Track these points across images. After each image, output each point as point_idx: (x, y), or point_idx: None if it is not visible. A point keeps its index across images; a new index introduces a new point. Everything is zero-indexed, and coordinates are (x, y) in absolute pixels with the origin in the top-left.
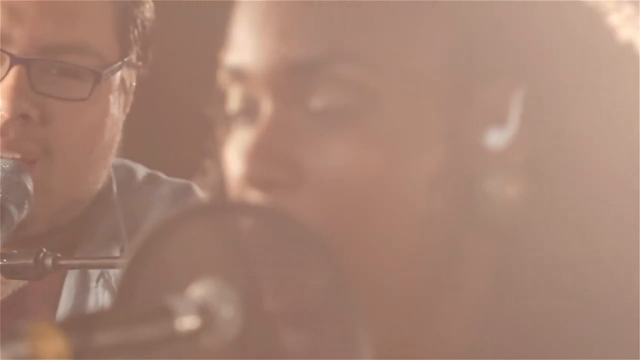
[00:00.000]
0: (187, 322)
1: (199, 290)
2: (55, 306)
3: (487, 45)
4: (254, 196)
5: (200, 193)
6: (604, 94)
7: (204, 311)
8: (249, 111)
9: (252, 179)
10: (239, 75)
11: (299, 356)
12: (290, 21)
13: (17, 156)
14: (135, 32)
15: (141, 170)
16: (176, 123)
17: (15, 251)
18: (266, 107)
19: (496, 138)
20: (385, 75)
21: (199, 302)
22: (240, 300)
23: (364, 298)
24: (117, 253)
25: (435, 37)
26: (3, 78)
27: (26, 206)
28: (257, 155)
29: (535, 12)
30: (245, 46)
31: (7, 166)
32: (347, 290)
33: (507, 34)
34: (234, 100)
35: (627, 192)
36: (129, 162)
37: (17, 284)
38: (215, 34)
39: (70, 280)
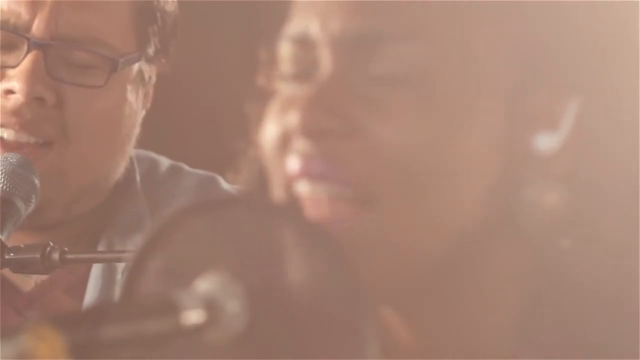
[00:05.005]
0: (193, 316)
1: (204, 285)
2: (81, 299)
3: (550, 51)
4: (303, 147)
5: (225, 185)
6: None
7: (210, 305)
8: (306, 73)
9: (306, 127)
10: (303, 40)
11: (305, 354)
12: None
13: (32, 140)
14: (154, 26)
15: (165, 162)
16: (199, 117)
17: (22, 245)
18: (327, 66)
19: (544, 143)
20: (444, 54)
21: (204, 296)
22: (246, 294)
23: (383, 265)
24: None
25: (501, 33)
26: (20, 62)
27: (33, 200)
28: (314, 103)
29: (600, 25)
30: (314, 15)
31: (14, 160)
32: (356, 288)
33: (570, 42)
34: (291, 64)
35: None
36: (152, 154)
37: (39, 276)
38: (239, 31)
39: (97, 273)
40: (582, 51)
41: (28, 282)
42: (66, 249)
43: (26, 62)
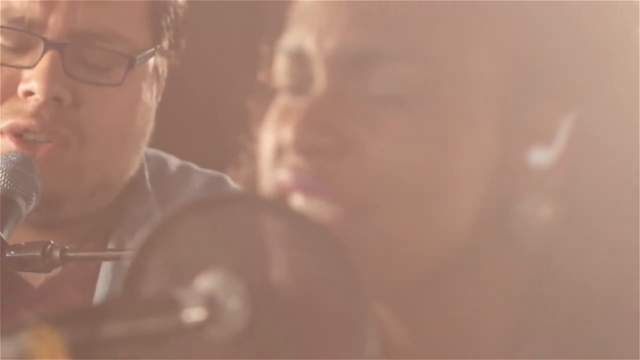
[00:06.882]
0: (194, 314)
1: (205, 282)
2: (91, 293)
3: (548, 65)
4: (296, 163)
5: (233, 184)
6: None
7: (211, 303)
8: (301, 87)
9: (299, 143)
10: (298, 55)
11: (305, 352)
12: (358, 13)
13: (50, 141)
14: (168, 19)
15: (174, 161)
16: (207, 115)
17: (22, 243)
18: (322, 82)
19: (539, 158)
20: (441, 72)
21: (205, 294)
22: (247, 292)
23: (375, 276)
24: None
25: (500, 48)
26: (37, 62)
27: (34, 199)
28: (307, 120)
29: (598, 41)
30: (310, 30)
31: (15, 158)
32: (356, 286)
33: (568, 56)
34: (286, 77)
35: None
36: (161, 153)
37: None
38: (247, 27)
39: (107, 267)
40: (581, 65)
41: (38, 277)
42: (67, 247)
43: (43, 62)
